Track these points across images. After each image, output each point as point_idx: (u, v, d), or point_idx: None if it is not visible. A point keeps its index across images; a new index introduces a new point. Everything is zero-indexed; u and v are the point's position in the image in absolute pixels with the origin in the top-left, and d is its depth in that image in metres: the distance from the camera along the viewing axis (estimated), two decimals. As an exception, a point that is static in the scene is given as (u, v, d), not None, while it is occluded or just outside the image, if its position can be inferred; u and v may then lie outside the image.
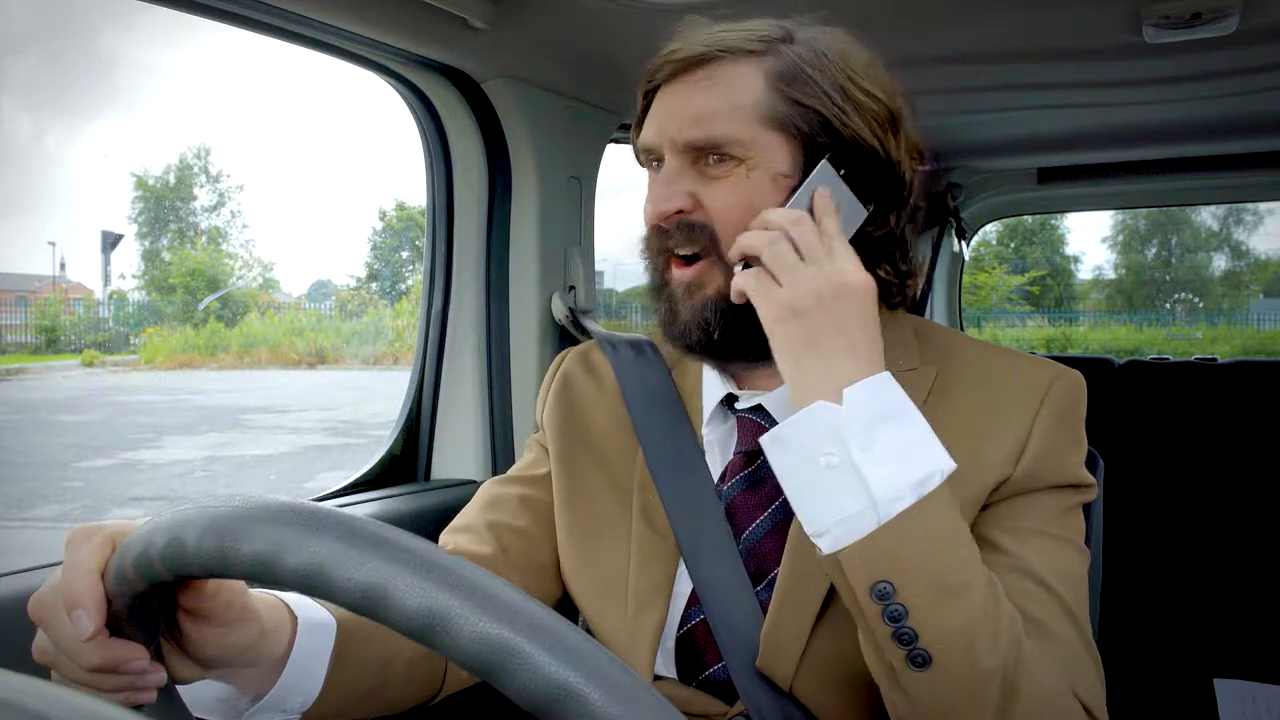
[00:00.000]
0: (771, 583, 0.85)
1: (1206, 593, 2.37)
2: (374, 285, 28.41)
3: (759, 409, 0.90)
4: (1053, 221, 27.21)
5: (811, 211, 0.80)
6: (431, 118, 1.46)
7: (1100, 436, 1.16)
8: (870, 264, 0.83)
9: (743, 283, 0.79)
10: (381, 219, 29.05)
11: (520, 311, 1.50)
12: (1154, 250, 28.68)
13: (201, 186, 28.73)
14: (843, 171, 0.83)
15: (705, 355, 0.90)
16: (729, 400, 0.93)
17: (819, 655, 0.81)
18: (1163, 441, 2.54)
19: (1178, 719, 1.98)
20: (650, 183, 0.89)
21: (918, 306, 2.77)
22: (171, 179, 28.64)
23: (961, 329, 3.32)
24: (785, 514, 0.86)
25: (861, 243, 0.84)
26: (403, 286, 27.80)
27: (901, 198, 0.87)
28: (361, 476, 1.48)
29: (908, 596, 0.68)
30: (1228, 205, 22.88)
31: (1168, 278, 28.27)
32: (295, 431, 11.67)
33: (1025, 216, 5.53)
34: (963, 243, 2.97)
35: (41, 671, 0.56)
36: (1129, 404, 2.60)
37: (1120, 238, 28.53)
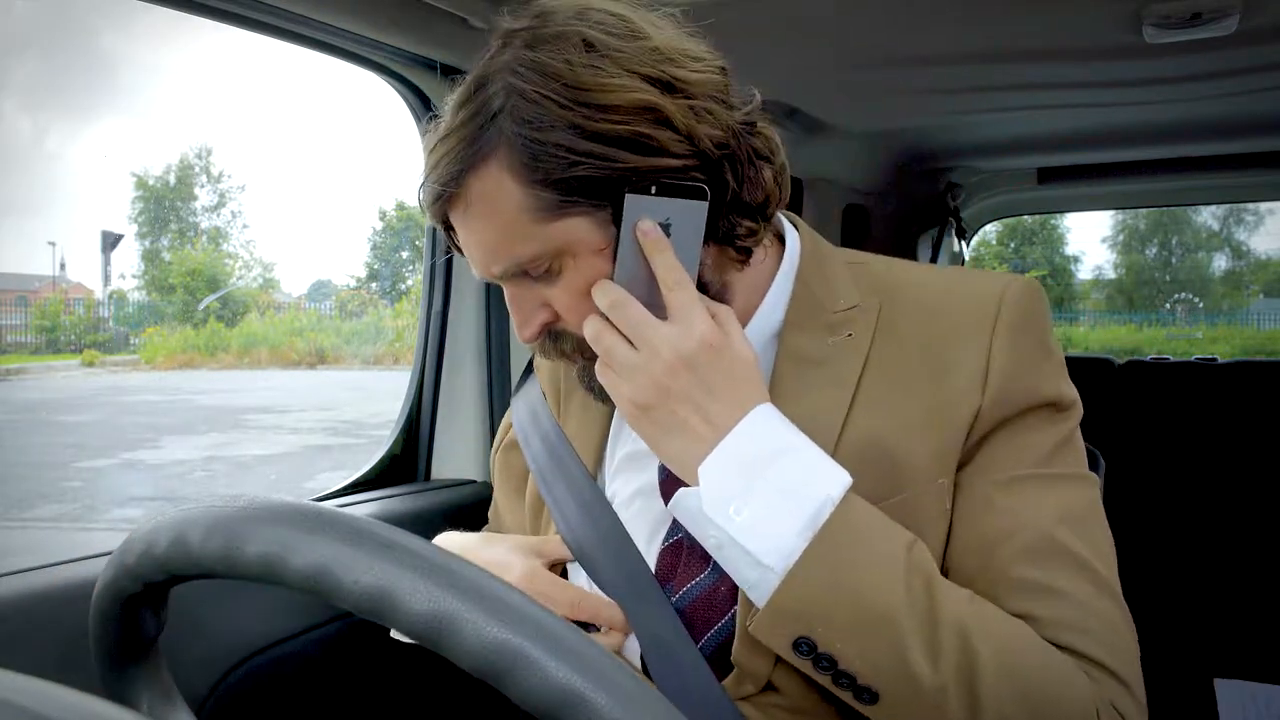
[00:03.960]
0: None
1: (1206, 593, 2.37)
2: (374, 285, 28.44)
3: None
4: (1053, 221, 27.22)
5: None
6: (431, 118, 1.46)
7: (1100, 436, 1.16)
8: (729, 226, 0.75)
9: (599, 377, 0.75)
10: (381, 219, 29.10)
11: (520, 311, 1.50)
12: (1154, 250, 28.70)
13: (202, 187, 28.79)
14: (654, 189, 0.70)
15: None
16: None
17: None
18: (1163, 441, 2.54)
19: (1178, 719, 1.98)
20: None
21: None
22: (172, 179, 28.68)
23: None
24: None
25: (715, 217, 0.74)
26: (403, 286, 27.82)
27: (729, 149, 0.73)
28: (361, 476, 1.47)
29: (829, 644, 0.66)
30: (1228, 205, 22.88)
31: (1168, 278, 28.29)
32: (295, 431, 11.67)
33: (1025, 216, 5.53)
34: (963, 243, 2.96)
35: (41, 671, 0.56)
36: (1129, 404, 2.60)
37: (1120, 237, 28.58)
